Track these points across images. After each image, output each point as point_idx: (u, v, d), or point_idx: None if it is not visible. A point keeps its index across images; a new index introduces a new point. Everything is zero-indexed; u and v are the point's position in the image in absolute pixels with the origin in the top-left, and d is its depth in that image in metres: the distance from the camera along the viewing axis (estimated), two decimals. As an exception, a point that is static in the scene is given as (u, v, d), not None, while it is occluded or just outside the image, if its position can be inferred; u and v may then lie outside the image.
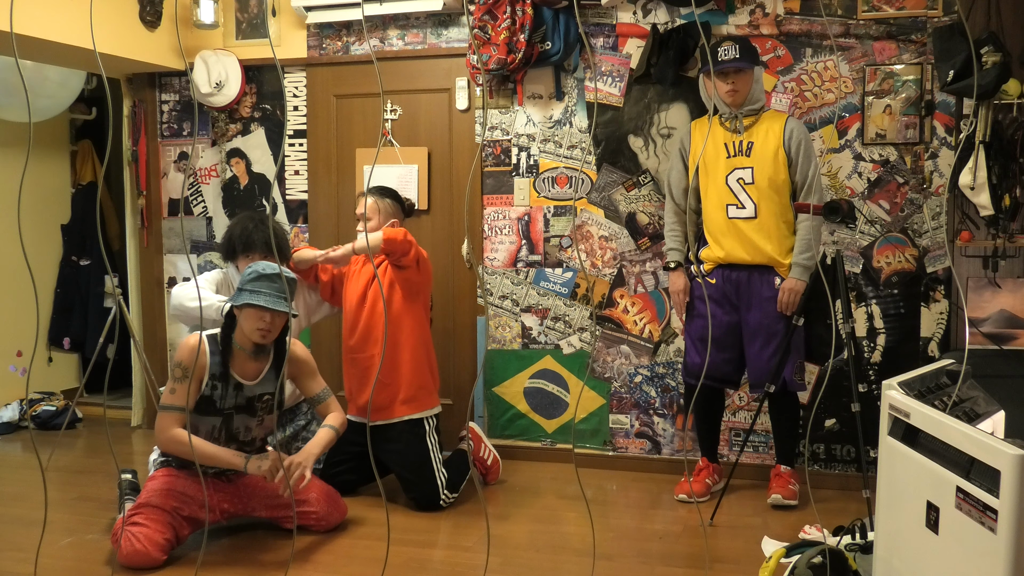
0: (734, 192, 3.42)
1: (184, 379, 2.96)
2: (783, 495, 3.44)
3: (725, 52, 3.35)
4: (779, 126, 3.41)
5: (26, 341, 5.02)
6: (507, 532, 3.24)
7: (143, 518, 2.89)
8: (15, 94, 4.52)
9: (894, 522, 2.21)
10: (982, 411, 2.34)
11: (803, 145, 3.38)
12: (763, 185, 3.38)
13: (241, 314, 3.01)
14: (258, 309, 2.96)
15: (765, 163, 3.37)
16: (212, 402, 3.02)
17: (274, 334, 3.03)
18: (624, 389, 4.05)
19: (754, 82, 3.41)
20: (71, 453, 4.41)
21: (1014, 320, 3.54)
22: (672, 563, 2.94)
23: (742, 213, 3.41)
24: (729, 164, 3.42)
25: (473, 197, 4.22)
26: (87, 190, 5.38)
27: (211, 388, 3.02)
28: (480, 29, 3.92)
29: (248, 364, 3.07)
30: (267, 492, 3.15)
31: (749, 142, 3.41)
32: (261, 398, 3.11)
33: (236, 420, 3.08)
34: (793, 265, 3.38)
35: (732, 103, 3.40)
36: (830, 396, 3.75)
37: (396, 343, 3.54)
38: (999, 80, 3.30)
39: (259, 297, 2.94)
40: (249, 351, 3.04)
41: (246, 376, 3.07)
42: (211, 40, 4.52)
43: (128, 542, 2.82)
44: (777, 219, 3.39)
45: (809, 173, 3.39)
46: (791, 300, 3.37)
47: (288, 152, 4.51)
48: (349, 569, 2.89)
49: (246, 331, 3.00)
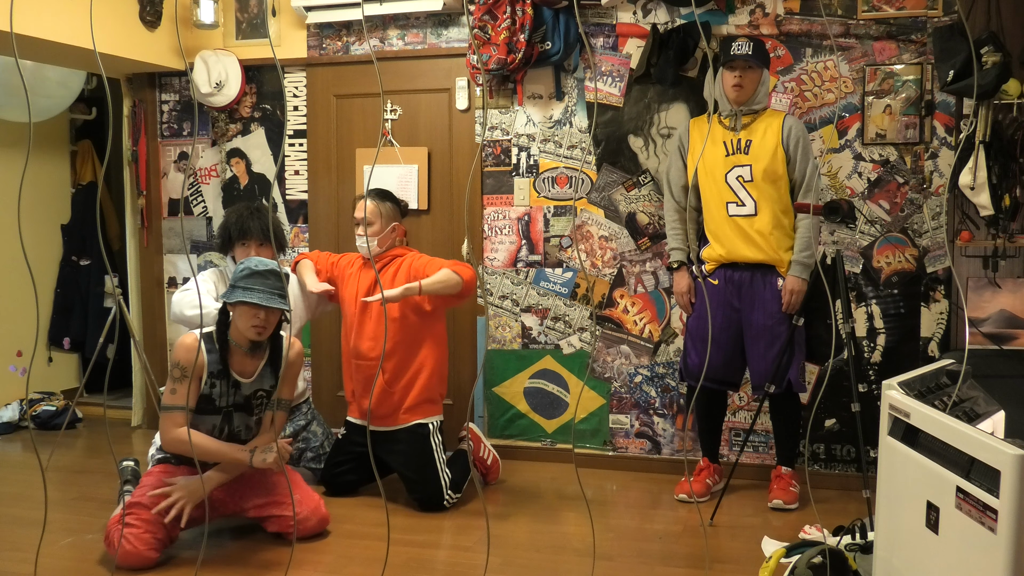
0: (734, 190, 3.42)
1: (183, 379, 2.96)
2: (784, 499, 3.44)
3: (739, 47, 3.38)
4: (777, 123, 3.41)
5: (26, 341, 5.02)
6: (507, 532, 3.24)
7: (135, 518, 2.89)
8: (15, 94, 4.52)
9: (894, 522, 2.21)
10: (982, 411, 2.34)
11: (801, 143, 3.38)
12: (762, 182, 3.38)
13: (235, 311, 3.00)
14: (252, 306, 2.95)
15: (763, 160, 3.37)
16: (211, 400, 3.02)
17: (269, 330, 3.02)
18: (624, 389, 4.05)
19: (760, 84, 3.41)
20: (71, 453, 4.41)
21: (1014, 320, 3.54)
22: (672, 563, 2.94)
23: (742, 211, 3.42)
24: (728, 162, 3.42)
25: (473, 197, 4.22)
26: (87, 190, 5.38)
27: (210, 386, 3.01)
28: (480, 29, 3.92)
29: (245, 361, 3.06)
30: (262, 489, 3.13)
31: (748, 140, 3.41)
32: (256, 395, 3.10)
33: (236, 419, 3.08)
34: (793, 263, 3.39)
35: (735, 98, 3.40)
36: (830, 396, 3.75)
37: (417, 359, 3.49)
38: (999, 80, 3.30)
39: (252, 294, 2.93)
40: (245, 348, 3.03)
41: (243, 373, 3.07)
42: (211, 40, 4.52)
43: (121, 543, 2.82)
44: (777, 216, 3.39)
45: (807, 171, 3.39)
46: (795, 300, 3.37)
47: (288, 152, 4.51)
48: (349, 569, 2.89)
49: (241, 328, 3.00)
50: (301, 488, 3.16)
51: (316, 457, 3.75)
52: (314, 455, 3.76)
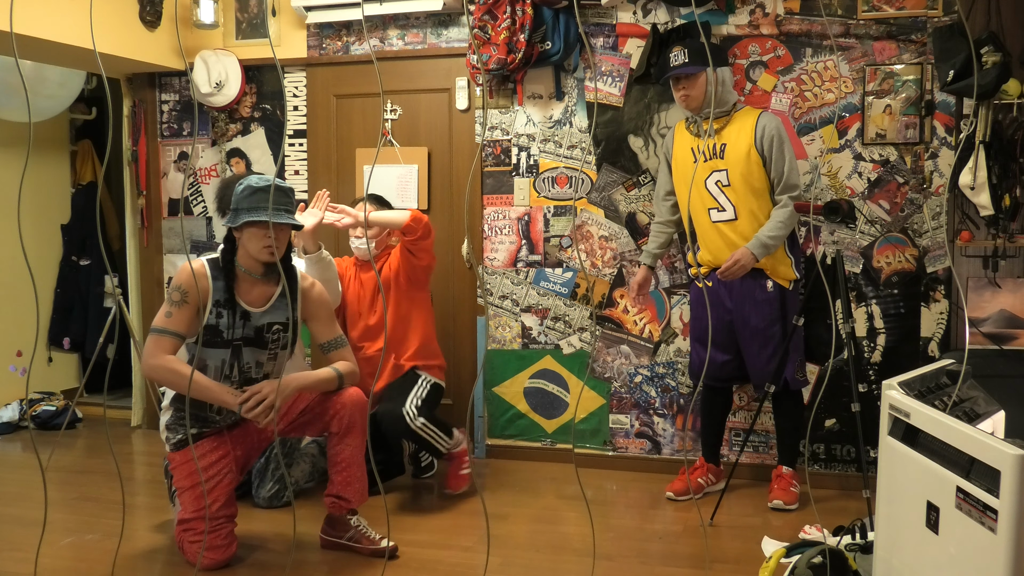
0: (713, 195, 3.42)
1: (182, 303, 2.77)
2: (784, 500, 3.44)
3: (675, 58, 3.38)
4: (751, 123, 3.38)
5: (26, 341, 5.02)
6: (507, 532, 3.24)
7: (196, 533, 2.84)
8: (15, 94, 4.52)
9: (894, 522, 2.21)
10: (982, 411, 2.34)
11: (775, 141, 3.34)
12: (739, 186, 3.37)
13: (242, 235, 2.81)
14: (261, 226, 2.76)
15: (738, 164, 3.36)
16: (219, 332, 2.83)
17: (282, 249, 2.85)
18: (624, 389, 4.05)
19: (714, 84, 3.38)
20: (71, 453, 4.41)
21: (1014, 320, 3.54)
22: (672, 563, 2.94)
23: (723, 216, 3.42)
24: (707, 167, 3.42)
25: (473, 197, 4.22)
26: (87, 190, 5.38)
27: (216, 316, 2.82)
28: (480, 29, 3.92)
29: (255, 289, 2.88)
30: (290, 411, 2.99)
31: (723, 144, 3.40)
32: (271, 328, 2.91)
33: (246, 354, 2.89)
34: (755, 238, 3.34)
35: (687, 108, 3.43)
36: (830, 396, 3.75)
37: (406, 324, 3.63)
38: (999, 80, 3.30)
39: (259, 213, 2.74)
40: (258, 274, 2.86)
41: (253, 303, 2.88)
42: (211, 40, 4.52)
43: (198, 558, 2.82)
44: (758, 219, 3.38)
45: (784, 169, 3.35)
46: (734, 270, 3.33)
47: (288, 152, 4.51)
48: (349, 569, 2.89)
49: (252, 252, 2.81)
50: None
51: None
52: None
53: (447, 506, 3.53)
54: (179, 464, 2.93)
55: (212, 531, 2.85)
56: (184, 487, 2.91)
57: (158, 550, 3.07)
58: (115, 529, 3.22)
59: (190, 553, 2.87)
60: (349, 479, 2.97)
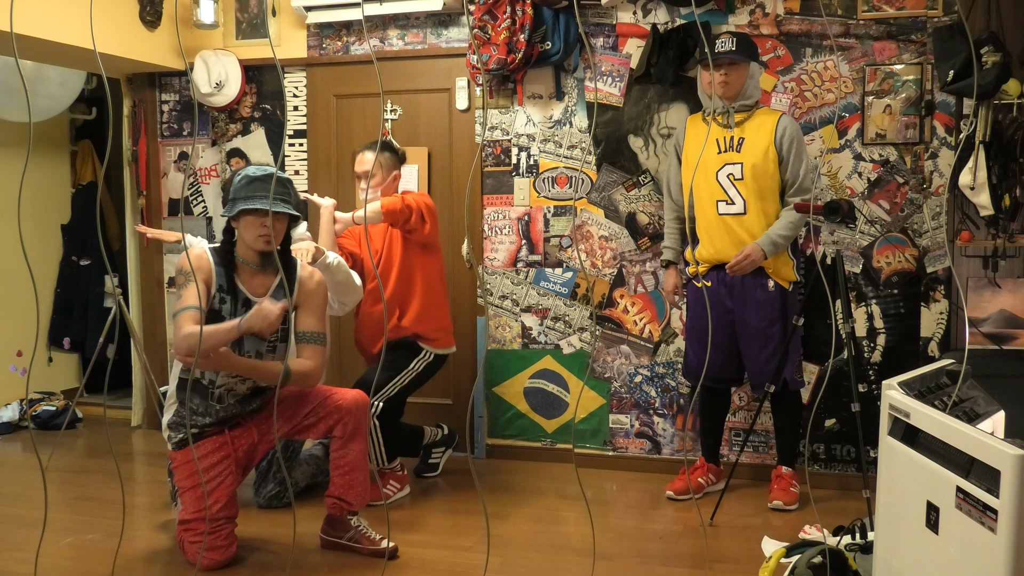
0: (724, 188, 3.42)
1: (189, 280, 2.80)
2: (784, 500, 3.44)
3: (723, 44, 3.39)
4: (772, 123, 3.40)
5: (26, 341, 5.02)
6: (507, 532, 3.24)
7: (196, 534, 2.85)
8: (15, 94, 4.52)
9: (894, 522, 2.21)
10: (982, 411, 2.34)
11: (795, 144, 3.36)
12: (752, 181, 3.37)
13: (239, 224, 2.84)
14: (257, 215, 2.79)
15: (755, 159, 3.37)
16: (221, 317, 2.85)
17: (278, 239, 2.86)
18: (624, 389, 4.05)
19: (748, 78, 3.41)
20: (71, 453, 4.41)
21: (1014, 320, 3.54)
22: (672, 563, 2.94)
23: (732, 209, 3.41)
24: (720, 159, 3.42)
25: (473, 197, 4.22)
26: (87, 190, 5.38)
27: (219, 301, 2.85)
28: (480, 29, 3.92)
29: (255, 279, 2.91)
30: (283, 405, 3.00)
31: (740, 138, 3.41)
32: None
33: (247, 341, 2.89)
34: (765, 235, 3.36)
35: (723, 95, 3.41)
36: (830, 396, 3.75)
37: (409, 283, 3.58)
38: (999, 80, 3.30)
39: (255, 201, 2.76)
40: (255, 264, 2.88)
41: (253, 292, 2.92)
42: (211, 40, 4.52)
43: (198, 558, 2.83)
44: (767, 216, 3.39)
45: (800, 172, 3.37)
46: (744, 265, 3.36)
47: (288, 152, 4.51)
48: (349, 570, 2.89)
49: (248, 241, 2.83)
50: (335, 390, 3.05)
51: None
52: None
53: (447, 506, 3.53)
54: (180, 464, 2.95)
55: (212, 532, 2.86)
56: (185, 487, 2.92)
57: (158, 550, 3.07)
58: (115, 529, 3.22)
59: (191, 553, 2.88)
60: (352, 483, 2.99)
